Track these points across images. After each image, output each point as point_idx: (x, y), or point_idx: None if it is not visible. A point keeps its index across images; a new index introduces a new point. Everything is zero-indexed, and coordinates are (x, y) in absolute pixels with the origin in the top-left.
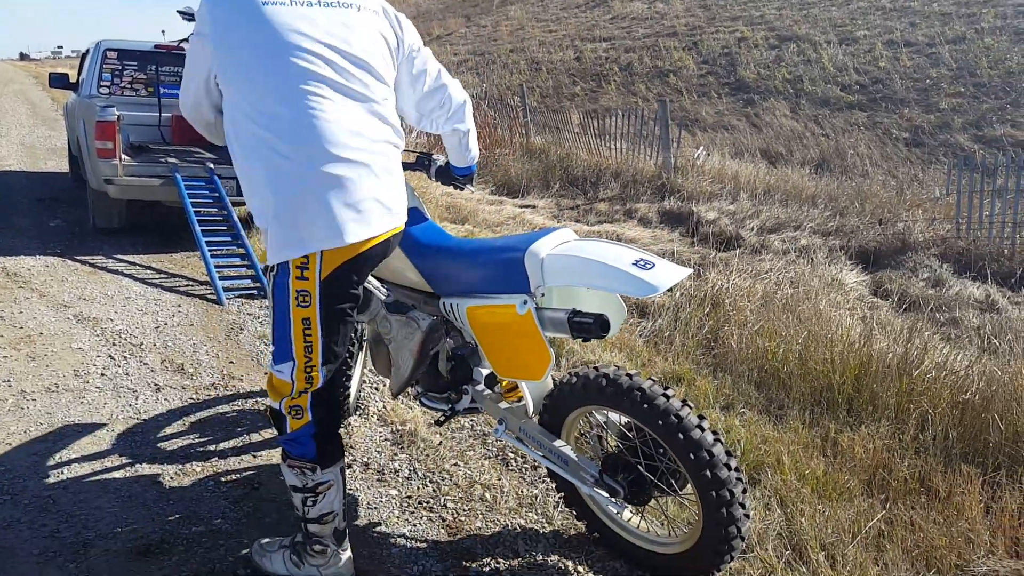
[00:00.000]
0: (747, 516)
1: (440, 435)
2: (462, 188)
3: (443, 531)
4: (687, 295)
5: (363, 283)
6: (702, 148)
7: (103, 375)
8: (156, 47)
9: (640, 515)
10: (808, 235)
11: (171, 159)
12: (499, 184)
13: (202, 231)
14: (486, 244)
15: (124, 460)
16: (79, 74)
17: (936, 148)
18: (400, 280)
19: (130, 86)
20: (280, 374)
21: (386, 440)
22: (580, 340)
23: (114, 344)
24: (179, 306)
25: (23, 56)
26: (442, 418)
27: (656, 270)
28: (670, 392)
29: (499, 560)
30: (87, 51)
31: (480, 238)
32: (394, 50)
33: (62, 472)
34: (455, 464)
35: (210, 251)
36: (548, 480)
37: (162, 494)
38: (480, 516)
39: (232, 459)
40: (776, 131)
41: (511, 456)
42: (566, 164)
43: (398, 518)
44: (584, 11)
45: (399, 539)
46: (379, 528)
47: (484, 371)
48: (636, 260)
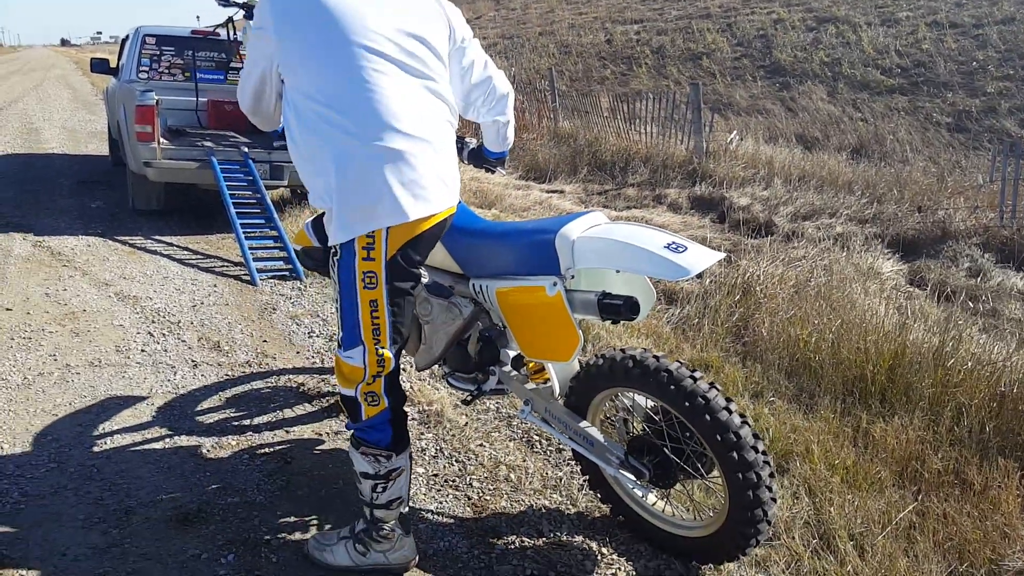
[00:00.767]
0: (774, 500)
1: (466, 416)
2: (493, 171)
3: (468, 509)
4: (716, 282)
5: (424, 262)
6: (735, 132)
7: (143, 351)
8: (192, 32)
9: (665, 499)
10: (844, 222)
11: (207, 143)
12: (527, 169)
13: (237, 213)
14: (517, 227)
15: (164, 432)
16: (119, 59)
17: (980, 134)
18: (430, 261)
19: (168, 71)
20: (350, 360)
21: (412, 420)
22: (609, 322)
23: (153, 322)
24: (215, 286)
25: (64, 42)
26: (468, 398)
27: (688, 253)
28: (697, 374)
29: (524, 539)
30: (127, 37)
31: (510, 221)
32: (448, 36)
33: (105, 442)
34: (480, 444)
35: (244, 233)
36: (573, 463)
37: (199, 465)
38: (505, 496)
39: (266, 434)
40: (812, 115)
41: (536, 438)
42: (595, 149)
43: (424, 495)
44: None
45: (426, 515)
46: None
47: (511, 352)
48: (668, 243)
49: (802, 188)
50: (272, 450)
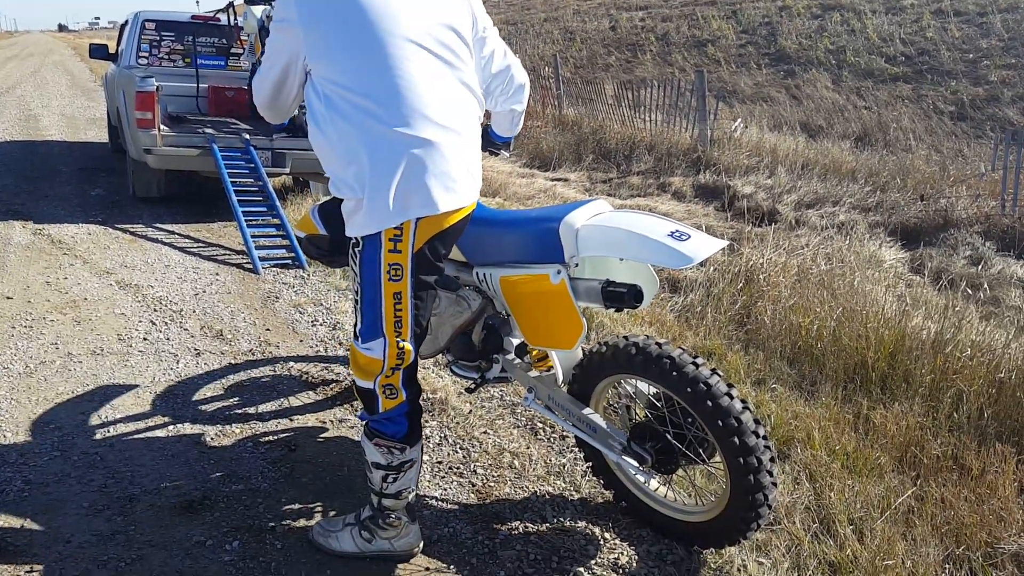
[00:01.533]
0: (774, 484)
1: (470, 403)
2: (497, 154)
3: (472, 496)
4: (720, 270)
5: (449, 255)
6: (740, 120)
7: (145, 339)
8: (193, 18)
9: (667, 484)
10: (847, 211)
11: (208, 130)
12: (531, 157)
13: (238, 201)
14: (521, 215)
15: (167, 420)
16: (118, 45)
17: (983, 122)
18: None
19: (168, 57)
20: (369, 351)
21: None
22: (612, 310)
23: (155, 310)
24: (217, 274)
25: (62, 28)
26: (472, 386)
27: (691, 241)
28: (699, 360)
29: (527, 525)
30: (126, 22)
31: (514, 209)
32: (471, 24)
33: (108, 430)
34: (484, 432)
35: (246, 221)
36: (576, 449)
37: (203, 453)
38: (509, 483)
39: (270, 422)
40: (817, 103)
41: (540, 425)
42: (599, 136)
43: (429, 482)
44: None
45: (430, 501)
46: None
47: (515, 340)
48: (671, 231)
49: (806, 176)
50: (276, 438)
